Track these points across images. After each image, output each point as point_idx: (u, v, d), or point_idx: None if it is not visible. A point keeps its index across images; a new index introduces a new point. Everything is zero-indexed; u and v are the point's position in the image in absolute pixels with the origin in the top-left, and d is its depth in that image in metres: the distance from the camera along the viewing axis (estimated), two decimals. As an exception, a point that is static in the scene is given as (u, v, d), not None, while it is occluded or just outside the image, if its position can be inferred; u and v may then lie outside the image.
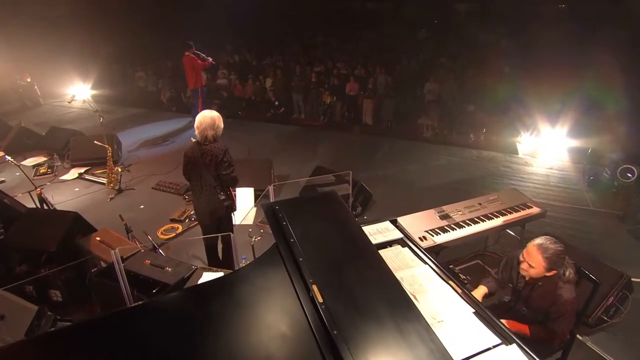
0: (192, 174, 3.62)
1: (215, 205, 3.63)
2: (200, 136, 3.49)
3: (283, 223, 2.46)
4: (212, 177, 3.52)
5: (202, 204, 3.66)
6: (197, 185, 3.61)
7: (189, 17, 15.00)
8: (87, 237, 3.77)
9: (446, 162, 7.27)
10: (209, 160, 3.47)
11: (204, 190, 3.58)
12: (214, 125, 3.48)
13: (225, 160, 3.48)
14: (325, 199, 2.83)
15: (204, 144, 3.49)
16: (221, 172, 3.51)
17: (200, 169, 3.51)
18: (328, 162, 7.00)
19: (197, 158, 3.49)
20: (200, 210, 3.72)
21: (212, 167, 3.49)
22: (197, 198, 3.67)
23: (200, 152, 3.49)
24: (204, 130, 3.46)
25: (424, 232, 3.52)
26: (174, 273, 3.25)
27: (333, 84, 10.72)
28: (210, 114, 3.49)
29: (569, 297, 2.53)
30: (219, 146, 3.50)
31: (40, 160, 7.14)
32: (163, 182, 6.13)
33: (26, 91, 10.69)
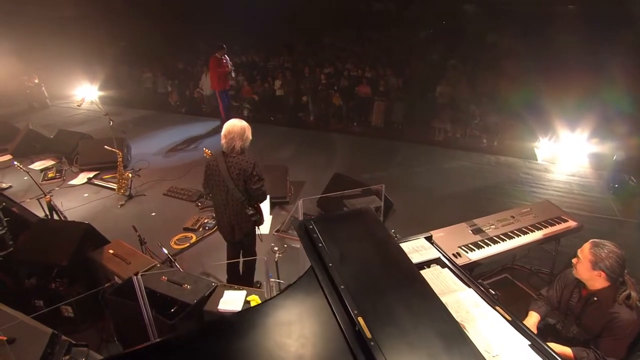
0: (215, 188, 3.37)
1: (242, 221, 3.42)
2: (226, 146, 3.24)
3: (319, 245, 2.27)
4: (240, 191, 3.28)
5: (227, 219, 3.43)
6: (222, 199, 3.36)
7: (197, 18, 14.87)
8: (99, 250, 3.58)
9: (464, 168, 7.06)
10: (237, 174, 3.22)
11: (230, 205, 3.35)
12: (243, 135, 3.23)
13: (255, 174, 3.24)
14: (360, 216, 2.64)
15: (230, 155, 3.25)
16: (251, 186, 3.26)
17: (226, 182, 3.26)
18: (343, 167, 6.82)
19: (222, 171, 3.24)
20: (225, 226, 3.49)
21: (240, 182, 3.24)
22: (222, 213, 3.44)
23: (227, 164, 3.23)
24: (231, 140, 3.21)
25: (457, 248, 3.33)
26: (193, 291, 3.07)
27: (343, 86, 10.54)
28: (240, 124, 3.25)
29: (627, 318, 2.30)
30: (247, 159, 3.24)
31: (49, 164, 6.98)
32: (175, 188, 5.95)
33: (34, 93, 10.53)
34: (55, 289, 3.47)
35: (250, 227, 3.50)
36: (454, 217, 5.23)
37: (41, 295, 3.53)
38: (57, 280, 3.51)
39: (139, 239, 3.91)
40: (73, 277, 3.53)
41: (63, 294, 3.47)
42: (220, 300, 2.94)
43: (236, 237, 3.51)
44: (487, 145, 8.56)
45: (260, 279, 4.03)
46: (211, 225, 4.95)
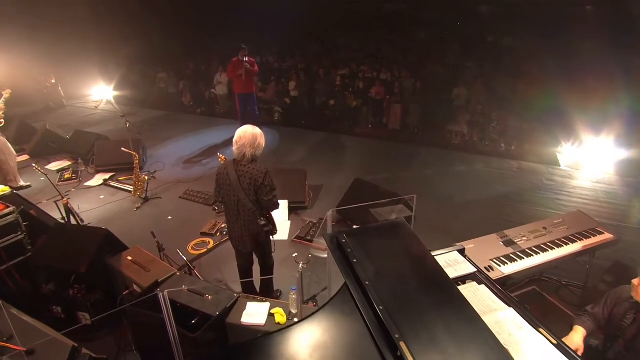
0: (226, 197, 3.24)
1: (254, 231, 3.30)
2: (237, 153, 3.11)
3: (353, 260, 2.14)
4: (251, 201, 3.15)
5: (239, 230, 3.31)
6: (233, 209, 3.24)
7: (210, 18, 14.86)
8: (118, 257, 3.51)
9: (485, 174, 6.88)
10: (248, 183, 3.09)
11: (242, 215, 3.22)
12: (255, 143, 3.08)
13: (267, 184, 3.10)
14: (395, 229, 2.52)
15: (241, 164, 3.12)
16: (262, 197, 3.13)
17: (237, 192, 3.13)
18: (359, 171, 6.68)
19: (232, 180, 3.11)
20: (236, 237, 3.37)
21: (251, 192, 3.12)
22: (233, 223, 3.32)
23: (237, 173, 3.10)
24: (242, 147, 3.07)
25: (489, 261, 3.18)
26: (215, 302, 2.96)
27: (358, 88, 10.41)
28: (252, 130, 3.10)
29: None
30: (258, 168, 3.10)
31: (65, 165, 6.96)
32: (191, 191, 5.88)
33: (50, 92, 10.59)
34: (73, 296, 3.40)
35: (263, 238, 3.38)
36: (477, 225, 5.11)
37: (59, 301, 3.46)
38: (75, 287, 3.44)
39: (158, 246, 3.83)
40: (91, 284, 3.46)
41: (81, 300, 3.40)
42: (244, 313, 2.84)
43: (248, 247, 3.40)
44: (505, 150, 8.37)
45: (279, 287, 3.92)
46: (229, 231, 4.85)
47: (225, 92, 10.96)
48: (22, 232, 3.56)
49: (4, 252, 3.38)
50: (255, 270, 3.72)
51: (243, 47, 7.77)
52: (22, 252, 3.58)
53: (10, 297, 3.41)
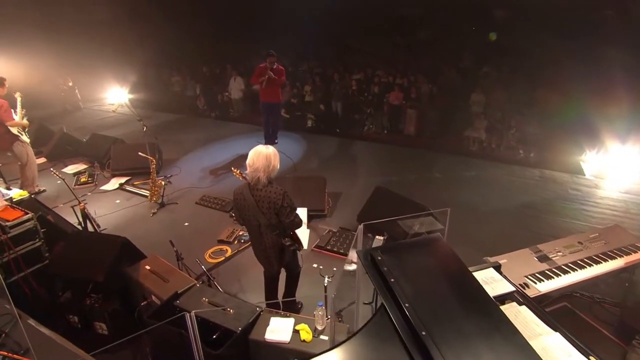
0: (247, 221, 3.11)
1: (280, 253, 3.17)
2: (251, 177, 2.95)
3: (390, 280, 2.01)
4: (273, 224, 3.00)
5: (263, 252, 3.18)
6: (256, 232, 3.10)
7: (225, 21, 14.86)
8: (135, 266, 3.42)
9: (507, 182, 6.67)
10: (267, 207, 2.94)
11: (264, 237, 3.08)
12: (269, 167, 2.90)
13: (286, 205, 2.93)
14: (431, 245, 2.38)
15: (257, 187, 2.94)
16: (283, 219, 2.99)
17: (257, 216, 2.99)
18: (378, 178, 6.54)
19: (250, 205, 2.96)
20: (262, 258, 3.25)
21: (271, 214, 2.96)
22: (257, 245, 3.20)
23: (255, 198, 2.94)
24: (255, 171, 2.88)
25: (523, 277, 3.02)
26: (237, 316, 2.85)
27: (373, 92, 10.28)
28: (265, 152, 2.90)
29: None
30: (275, 190, 2.92)
31: (81, 168, 6.95)
32: (207, 196, 5.79)
33: (68, 95, 10.66)
34: (90, 305, 3.31)
35: (289, 257, 3.26)
36: (503, 236, 4.93)
37: (76, 310, 3.38)
38: (92, 296, 3.36)
39: (176, 255, 3.73)
40: (108, 293, 3.37)
41: (98, 310, 3.32)
42: (267, 329, 2.72)
43: (275, 268, 3.29)
44: (524, 157, 8.17)
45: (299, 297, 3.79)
46: (247, 239, 4.74)
47: (239, 96, 10.92)
48: (40, 239, 3.49)
49: (22, 259, 3.31)
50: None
51: (271, 53, 7.27)
52: (40, 259, 3.51)
53: (26, 305, 3.35)
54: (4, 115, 5.44)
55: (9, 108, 5.53)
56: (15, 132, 5.63)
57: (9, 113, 5.51)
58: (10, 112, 5.54)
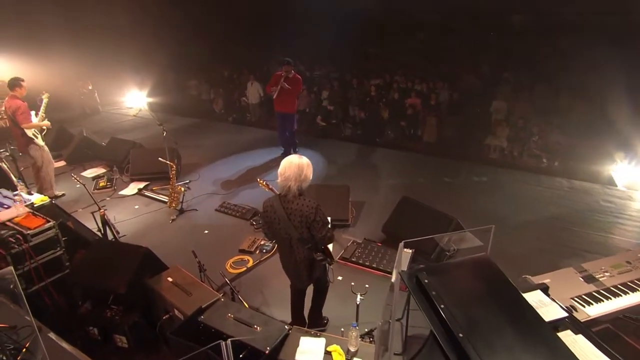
0: (277, 235, 2.97)
1: (311, 267, 3.03)
2: (281, 186, 2.81)
3: (441, 306, 1.84)
4: (305, 238, 2.86)
5: (293, 266, 3.04)
6: (286, 246, 2.96)
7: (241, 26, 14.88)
8: (157, 277, 3.30)
9: (535, 193, 6.43)
10: (299, 221, 2.81)
11: (296, 252, 2.94)
12: (300, 176, 2.76)
13: (319, 219, 2.79)
14: (479, 266, 2.21)
15: (287, 199, 2.81)
16: (315, 234, 2.84)
17: (287, 230, 2.85)
18: (399, 186, 6.38)
19: (281, 218, 2.83)
20: (292, 272, 3.12)
21: (303, 229, 2.83)
22: (287, 260, 3.06)
23: (285, 211, 2.81)
24: (286, 180, 2.75)
25: (570, 299, 2.81)
26: (264, 334, 2.69)
27: (392, 98, 10.11)
28: (297, 161, 2.77)
29: None
30: (307, 203, 2.79)
31: (100, 172, 6.91)
32: (227, 203, 5.67)
33: (87, 98, 10.72)
34: (110, 317, 3.20)
35: (320, 272, 3.12)
36: (536, 251, 4.71)
37: (96, 321, 3.28)
38: (112, 307, 3.25)
39: (199, 266, 3.61)
40: (129, 305, 3.26)
41: (118, 323, 3.20)
42: (298, 350, 2.56)
43: (305, 283, 3.16)
44: (548, 166, 7.92)
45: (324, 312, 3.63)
46: (268, 248, 4.61)
47: (257, 101, 10.85)
48: (61, 248, 3.40)
49: (42, 268, 3.22)
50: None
51: (287, 61, 6.86)
52: (60, 268, 3.42)
53: (46, 315, 3.26)
54: (19, 117, 5.39)
55: (27, 110, 5.48)
56: (30, 135, 5.57)
57: (25, 115, 5.44)
58: (27, 115, 5.48)
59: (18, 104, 5.40)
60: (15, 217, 3.33)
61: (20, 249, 3.07)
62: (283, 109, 7.12)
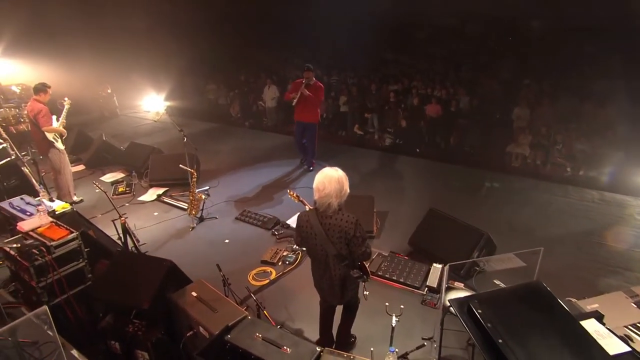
0: (312, 251, 2.85)
1: (347, 285, 2.90)
2: (320, 203, 2.67)
3: (499, 341, 1.68)
4: (343, 254, 2.72)
5: (328, 283, 2.90)
6: (322, 263, 2.84)
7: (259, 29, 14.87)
8: (181, 292, 3.18)
9: (564, 204, 6.18)
10: (337, 237, 2.68)
11: (332, 269, 2.81)
12: (341, 192, 2.64)
13: (358, 235, 2.67)
14: (533, 294, 2.04)
15: (326, 214, 2.68)
16: (354, 250, 2.71)
17: (325, 246, 2.72)
18: (424, 196, 6.19)
19: (318, 233, 2.70)
20: (326, 289, 2.97)
21: (342, 245, 2.70)
22: (321, 276, 2.92)
23: (323, 226, 2.68)
24: (326, 197, 2.61)
25: (623, 328, 2.60)
26: (294, 356, 2.56)
27: (411, 104, 9.93)
28: (336, 176, 2.63)
29: None
30: (347, 218, 2.67)
31: (119, 177, 6.88)
32: (247, 212, 5.56)
33: (106, 102, 10.77)
34: (133, 333, 3.09)
35: (355, 289, 3.00)
36: (570, 268, 4.47)
37: (117, 336, 3.17)
38: (134, 322, 3.14)
39: (223, 280, 3.49)
40: (152, 320, 3.14)
41: (141, 338, 3.09)
42: (331, 375, 2.42)
43: (339, 301, 3.01)
44: (572, 175, 7.65)
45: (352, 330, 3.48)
46: (291, 260, 4.48)
47: (273, 105, 10.78)
48: (84, 259, 3.31)
49: (65, 280, 3.13)
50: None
51: (307, 67, 6.50)
52: (82, 280, 3.33)
53: (68, 328, 3.17)
54: (41, 120, 5.41)
55: (48, 113, 5.50)
56: (50, 139, 5.58)
57: (47, 118, 5.46)
58: (49, 118, 5.50)
59: (40, 107, 5.44)
60: (39, 227, 3.26)
61: (43, 260, 2.98)
62: (304, 119, 6.79)
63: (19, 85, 9.02)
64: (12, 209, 4.10)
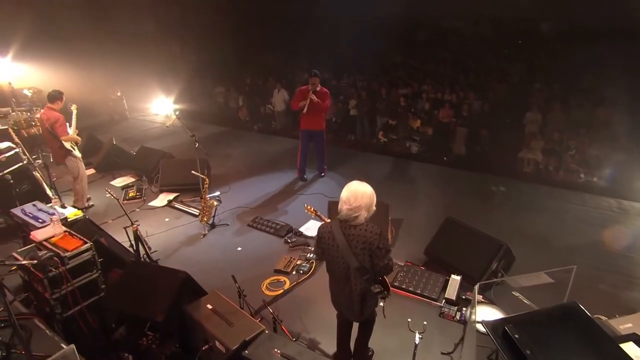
0: (332, 263, 2.77)
1: (367, 300, 2.81)
2: (347, 214, 2.60)
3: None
4: (365, 267, 2.64)
5: (347, 297, 2.81)
6: (342, 276, 2.75)
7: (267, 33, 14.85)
8: (196, 304, 3.11)
9: (580, 212, 6.05)
10: (361, 248, 2.60)
11: (352, 283, 2.72)
12: (371, 206, 2.61)
13: (382, 247, 2.60)
14: (569, 317, 1.94)
15: (349, 224, 2.62)
16: (377, 262, 2.63)
17: (346, 258, 2.65)
18: (437, 203, 6.11)
19: (341, 244, 2.62)
20: (344, 304, 2.89)
21: (364, 257, 2.63)
22: (340, 290, 2.84)
23: (346, 237, 2.62)
24: (356, 209, 2.56)
25: (659, 350, 2.49)
26: (315, 375, 2.48)
27: (422, 108, 9.82)
28: (368, 191, 2.61)
29: None
30: (371, 229, 2.60)
31: (129, 181, 6.85)
32: (260, 219, 5.49)
33: (115, 105, 10.78)
34: (147, 345, 3.03)
35: (374, 305, 2.91)
36: (591, 280, 4.34)
37: (131, 348, 3.11)
38: (148, 334, 3.08)
39: (238, 291, 3.41)
40: (166, 333, 3.08)
41: (155, 351, 3.03)
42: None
43: (358, 317, 2.92)
44: (586, 181, 7.51)
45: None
46: (305, 269, 4.40)
47: (282, 109, 10.72)
48: (97, 270, 3.26)
49: (78, 292, 3.07)
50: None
51: (314, 73, 6.33)
52: (96, 291, 3.28)
53: (81, 339, 3.12)
54: (59, 129, 5.39)
55: (64, 122, 5.49)
56: (68, 147, 5.57)
57: (64, 127, 5.46)
58: (65, 127, 5.49)
59: (57, 116, 5.41)
60: (52, 237, 3.21)
61: (57, 272, 2.93)
62: (311, 127, 6.58)
63: (31, 89, 9.02)
64: (24, 215, 4.07)
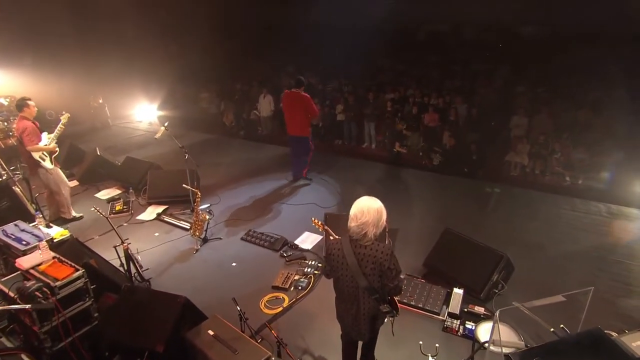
0: (341, 282, 2.68)
1: (375, 320, 2.74)
2: (356, 231, 2.51)
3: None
4: (374, 288, 2.57)
5: (354, 317, 2.73)
6: (351, 294, 2.66)
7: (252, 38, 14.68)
8: (197, 330, 2.98)
9: (571, 218, 6.09)
10: (371, 268, 2.53)
11: (362, 303, 2.64)
12: (379, 222, 2.53)
13: (392, 267, 2.52)
14: (597, 345, 1.89)
15: (360, 243, 2.54)
16: (387, 283, 2.56)
17: (356, 278, 2.56)
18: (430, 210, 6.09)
19: (351, 264, 2.54)
20: (350, 324, 2.79)
21: (374, 277, 2.55)
22: (348, 309, 2.74)
23: (357, 256, 2.54)
24: (364, 225, 2.47)
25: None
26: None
27: (409, 113, 9.84)
28: (375, 206, 2.53)
29: None
30: (382, 249, 2.52)
31: (114, 194, 6.60)
32: (253, 232, 5.35)
33: (97, 112, 10.45)
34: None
35: (381, 325, 2.84)
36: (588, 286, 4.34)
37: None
38: (146, 364, 2.92)
39: (240, 315, 3.27)
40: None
41: (154, 382, 2.87)
42: None
43: (365, 337, 2.83)
44: (571, 185, 7.63)
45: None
46: (304, 285, 4.29)
47: (269, 114, 10.59)
48: (90, 298, 3.08)
49: (70, 322, 2.89)
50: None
51: (298, 80, 6.58)
52: (89, 320, 3.10)
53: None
54: (25, 139, 5.10)
55: (34, 131, 5.18)
56: (37, 158, 5.25)
57: (31, 137, 5.13)
58: (33, 136, 5.16)
59: (25, 125, 5.13)
60: (40, 265, 3.01)
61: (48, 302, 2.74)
62: (296, 132, 6.71)
63: (7, 97, 8.63)
64: (5, 237, 3.83)
